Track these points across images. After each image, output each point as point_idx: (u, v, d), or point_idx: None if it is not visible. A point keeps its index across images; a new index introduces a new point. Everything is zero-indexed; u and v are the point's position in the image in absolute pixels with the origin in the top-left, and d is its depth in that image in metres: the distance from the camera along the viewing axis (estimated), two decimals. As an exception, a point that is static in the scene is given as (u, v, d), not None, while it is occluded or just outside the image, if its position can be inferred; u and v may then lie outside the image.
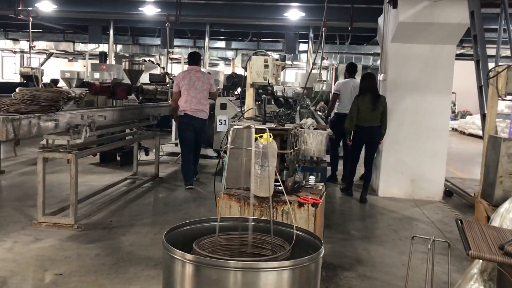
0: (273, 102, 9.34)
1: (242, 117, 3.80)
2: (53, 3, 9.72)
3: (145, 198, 6.49)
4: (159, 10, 9.91)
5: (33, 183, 6.83)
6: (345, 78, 8.30)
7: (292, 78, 11.71)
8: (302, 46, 13.81)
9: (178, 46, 14.35)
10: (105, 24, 12.38)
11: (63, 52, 15.74)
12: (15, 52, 17.41)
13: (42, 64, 15.99)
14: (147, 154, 9.30)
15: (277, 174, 2.56)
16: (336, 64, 15.78)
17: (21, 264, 3.98)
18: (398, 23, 6.53)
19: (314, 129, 3.69)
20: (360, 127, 6.69)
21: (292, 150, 2.83)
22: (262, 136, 2.63)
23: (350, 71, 8.23)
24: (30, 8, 9.87)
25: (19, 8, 9.62)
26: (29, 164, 8.57)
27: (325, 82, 9.49)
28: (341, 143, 8.31)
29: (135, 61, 8.76)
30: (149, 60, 9.84)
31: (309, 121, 3.70)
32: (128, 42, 14.46)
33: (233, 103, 10.16)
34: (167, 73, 9.06)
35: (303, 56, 13.95)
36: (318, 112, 9.54)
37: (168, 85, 9.23)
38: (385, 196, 7.24)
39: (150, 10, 9.83)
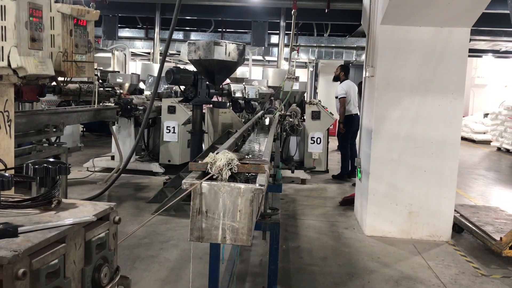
0: (229, 106, 7.36)
1: None
2: None
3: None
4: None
5: None
6: (340, 79, 8.44)
7: (259, 75, 9.80)
8: (274, 38, 11.85)
9: (128, 38, 12.26)
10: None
11: None
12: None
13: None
14: (68, 173, 7.20)
15: None
16: (315, 60, 13.82)
17: None
18: (392, -5, 4.58)
19: (232, 176, 1.71)
20: None
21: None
22: None
23: (347, 72, 8.58)
24: None
25: None
26: None
27: (296, 80, 7.57)
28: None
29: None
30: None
31: (222, 157, 1.72)
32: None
33: (184, 106, 8.14)
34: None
35: (276, 51, 11.98)
36: (289, 119, 7.56)
37: (95, 83, 7.16)
38: (374, 235, 5.30)
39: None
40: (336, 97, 8.44)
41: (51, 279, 0.89)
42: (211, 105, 7.28)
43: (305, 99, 9.69)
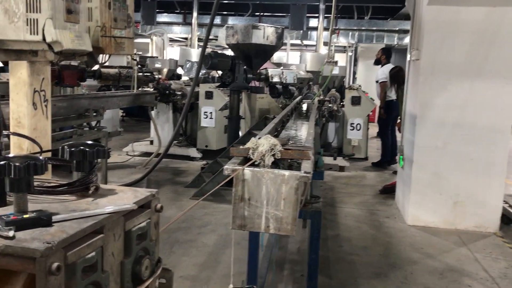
0: (266, 91, 7.26)
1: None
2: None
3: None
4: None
5: None
6: (381, 63, 8.18)
7: (296, 60, 9.61)
8: (313, 22, 11.59)
9: (166, 23, 12.28)
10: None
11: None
12: None
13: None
14: (108, 157, 7.32)
15: None
16: (355, 44, 13.46)
17: None
18: (441, -27, 4.34)
19: (274, 163, 1.63)
20: None
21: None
22: None
23: (389, 55, 8.31)
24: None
25: None
26: None
27: (336, 65, 7.37)
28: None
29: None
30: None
31: (264, 143, 1.64)
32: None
33: (221, 92, 8.10)
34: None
35: (314, 34, 11.73)
36: (328, 104, 7.39)
37: (135, 69, 7.21)
38: (416, 224, 5.12)
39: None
40: (377, 82, 8.20)
41: (88, 274, 0.82)
42: (248, 90, 7.21)
43: (345, 84, 9.47)
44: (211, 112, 8.14)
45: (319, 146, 4.04)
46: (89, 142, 0.98)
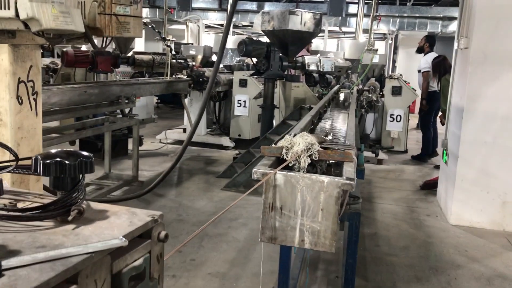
0: (302, 80, 7.00)
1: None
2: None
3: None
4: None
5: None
6: (424, 51, 7.69)
7: (333, 48, 9.26)
8: (352, 8, 11.15)
9: (202, 9, 12.10)
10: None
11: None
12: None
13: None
14: (140, 144, 7.26)
15: None
16: (396, 31, 12.92)
17: None
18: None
19: (311, 164, 1.42)
20: None
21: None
22: None
23: (433, 43, 7.87)
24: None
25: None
26: None
27: (376, 53, 7.02)
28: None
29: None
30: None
31: (300, 141, 1.43)
32: (144, 4, 12.30)
33: (255, 80, 7.89)
34: (164, 38, 6.91)
35: (354, 21, 11.30)
36: (367, 94, 7.08)
37: (168, 55, 7.06)
38: (460, 224, 4.80)
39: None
40: (419, 71, 7.79)
41: None
42: (283, 79, 6.97)
43: (385, 73, 9.09)
44: (244, 101, 7.95)
45: (359, 141, 3.79)
46: (73, 151, 0.76)
